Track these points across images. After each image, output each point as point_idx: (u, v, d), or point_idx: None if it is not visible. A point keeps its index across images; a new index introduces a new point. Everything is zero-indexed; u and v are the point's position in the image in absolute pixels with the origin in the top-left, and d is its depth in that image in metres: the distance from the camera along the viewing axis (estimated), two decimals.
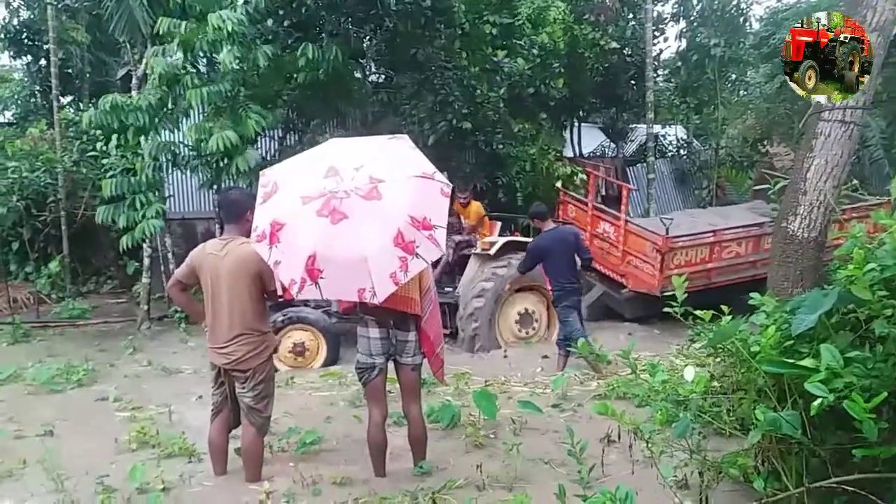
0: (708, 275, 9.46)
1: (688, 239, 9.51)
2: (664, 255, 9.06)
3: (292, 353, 7.79)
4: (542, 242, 7.13)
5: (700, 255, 9.54)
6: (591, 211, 10.54)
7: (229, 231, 4.16)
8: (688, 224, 10.32)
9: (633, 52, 15.47)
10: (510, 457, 4.15)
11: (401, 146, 3.91)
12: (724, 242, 9.64)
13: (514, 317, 8.70)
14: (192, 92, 8.95)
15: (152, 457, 4.54)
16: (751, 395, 3.58)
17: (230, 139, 8.82)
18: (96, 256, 13.44)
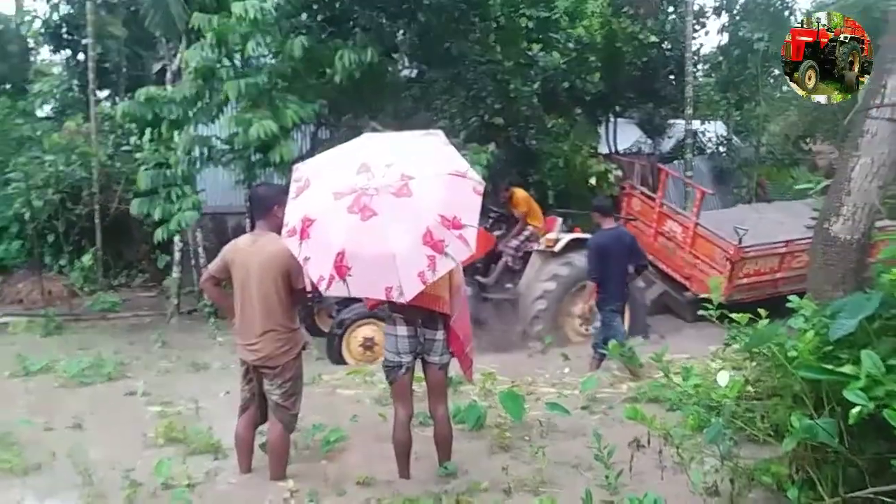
0: (776, 284, 9.23)
1: (760, 249, 9.27)
2: (735, 264, 8.86)
3: (362, 348, 7.90)
4: (602, 240, 6.93)
5: (770, 264, 9.32)
6: (659, 208, 10.31)
7: (259, 226, 4.15)
8: (752, 221, 10.01)
9: (672, 46, 15.22)
10: (536, 459, 4.07)
11: (435, 142, 3.86)
12: (797, 252, 9.37)
13: (578, 313, 8.55)
14: (229, 84, 8.99)
15: (179, 452, 4.56)
16: (786, 401, 3.46)
17: (271, 128, 8.83)
18: (128, 250, 13.65)
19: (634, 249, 7.02)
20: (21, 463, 4.35)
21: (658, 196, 10.53)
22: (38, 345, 8.72)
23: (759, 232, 9.65)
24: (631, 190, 11.29)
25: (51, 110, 16.54)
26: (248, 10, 8.60)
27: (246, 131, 8.96)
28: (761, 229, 9.76)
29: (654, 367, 6.18)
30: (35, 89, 16.10)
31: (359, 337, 7.96)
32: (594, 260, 6.87)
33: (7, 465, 4.31)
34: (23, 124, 12.91)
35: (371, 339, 7.95)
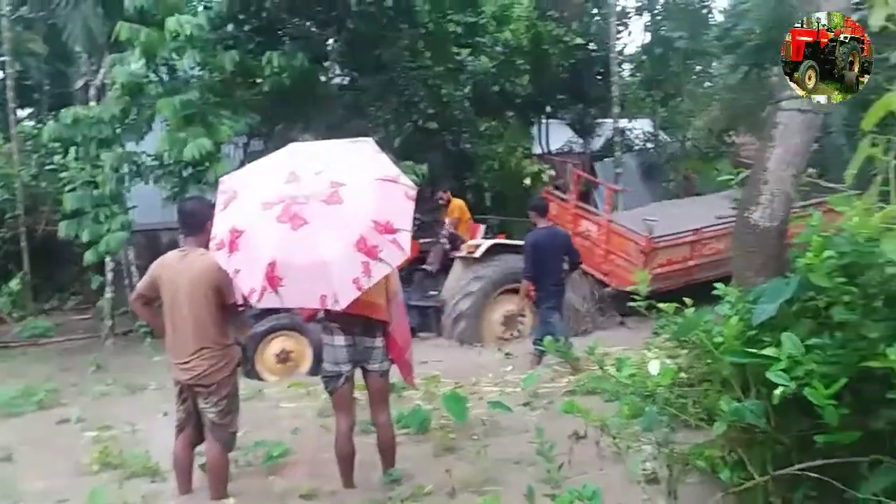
0: (690, 272, 9.53)
1: (670, 239, 9.57)
2: (648, 255, 9.11)
3: (276, 360, 7.72)
4: (537, 238, 7.08)
5: (682, 253, 9.62)
6: (573, 209, 10.53)
7: (189, 242, 4.06)
8: (668, 217, 10.35)
9: (598, 47, 15.59)
10: (480, 459, 4.10)
11: (364, 149, 3.86)
12: (705, 240, 9.71)
13: (499, 319, 8.68)
14: (163, 102, 8.82)
15: (115, 478, 4.41)
16: (716, 386, 3.57)
17: (205, 147, 8.68)
18: (59, 272, 13.18)
19: (569, 247, 7.17)
20: None
21: (572, 197, 10.78)
22: None
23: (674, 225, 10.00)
24: (546, 194, 11.54)
25: None
26: (184, 27, 8.45)
27: (180, 151, 8.80)
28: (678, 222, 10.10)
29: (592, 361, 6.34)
30: None
31: (273, 350, 7.77)
32: (530, 258, 7.00)
33: None
34: None
35: (286, 350, 7.77)
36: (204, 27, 8.89)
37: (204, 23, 8.88)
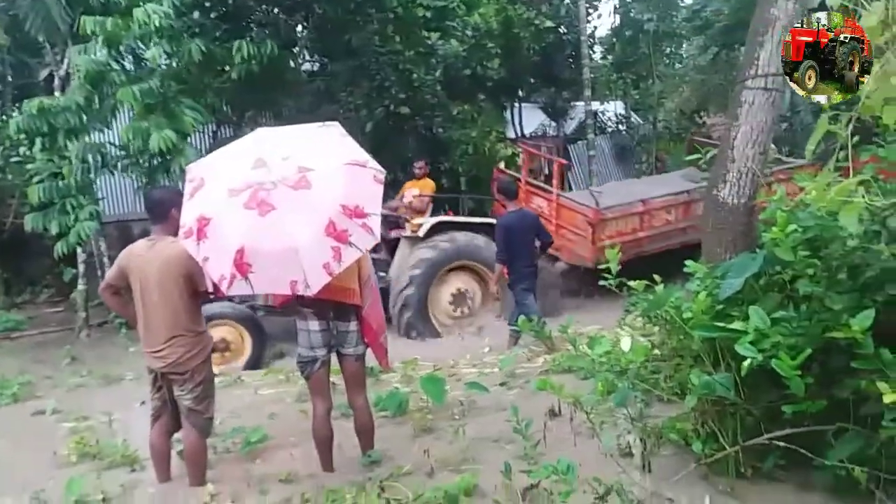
0: (640, 244, 9.65)
1: (618, 210, 9.67)
2: (595, 226, 9.20)
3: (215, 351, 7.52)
4: (508, 221, 7.14)
5: (631, 224, 9.73)
6: (525, 186, 10.60)
7: (156, 231, 4.02)
8: (622, 194, 10.49)
9: (568, 30, 15.60)
10: (458, 438, 4.15)
11: (331, 134, 3.83)
12: (654, 211, 9.83)
13: (448, 297, 8.65)
14: (123, 91, 8.69)
15: (93, 468, 4.40)
16: (687, 361, 3.65)
17: (171, 138, 8.58)
18: (30, 265, 12.98)
19: (539, 227, 7.25)
20: None
21: (522, 175, 10.87)
22: None
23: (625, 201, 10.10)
24: (499, 174, 11.63)
25: None
26: (152, 17, 8.32)
27: (146, 141, 8.68)
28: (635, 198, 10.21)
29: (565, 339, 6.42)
30: None
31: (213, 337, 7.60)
32: (501, 241, 7.05)
33: None
34: None
35: (224, 340, 7.37)
36: (170, 15, 8.75)
37: (170, 11, 8.74)
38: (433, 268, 8.44)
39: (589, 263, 9.16)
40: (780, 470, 3.18)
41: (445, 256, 8.46)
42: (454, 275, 8.71)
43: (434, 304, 8.58)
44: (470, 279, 8.81)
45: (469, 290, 8.78)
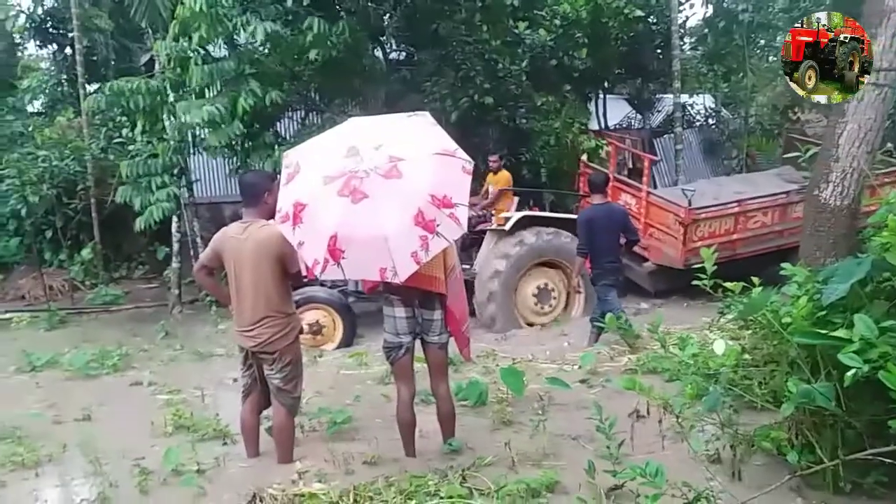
0: (733, 246, 9.31)
1: (712, 210, 9.35)
2: (687, 227, 8.93)
3: (309, 333, 7.82)
4: (592, 214, 6.99)
5: (725, 225, 9.38)
6: (612, 182, 10.37)
7: (249, 214, 4.15)
8: (713, 192, 10.14)
9: (658, 19, 15.15)
10: (538, 433, 4.14)
11: (421, 123, 3.88)
12: (750, 212, 9.46)
13: (532, 293, 8.60)
14: (195, 70, 8.97)
15: (187, 439, 4.60)
16: (783, 368, 3.53)
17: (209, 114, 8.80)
18: (127, 242, 13.63)
19: (627, 223, 7.07)
20: (33, 456, 4.40)
21: (609, 170, 10.58)
22: (43, 339, 8.75)
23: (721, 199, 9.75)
24: (585, 168, 11.37)
25: (41, 105, 16.43)
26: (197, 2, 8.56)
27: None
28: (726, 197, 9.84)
29: (652, 340, 6.29)
30: (24, 85, 15.97)
31: (306, 321, 7.79)
32: (583, 234, 6.93)
33: (19, 459, 4.36)
34: (14, 121, 12.89)
35: (317, 322, 7.84)
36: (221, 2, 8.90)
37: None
38: (519, 262, 8.45)
39: (679, 265, 8.91)
40: (882, 487, 3.04)
41: (532, 251, 8.45)
42: (539, 270, 8.66)
43: (518, 299, 8.58)
44: (555, 275, 8.75)
45: (553, 287, 8.71)
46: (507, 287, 8.40)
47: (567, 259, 8.46)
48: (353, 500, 3.45)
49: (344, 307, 7.98)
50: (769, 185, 10.38)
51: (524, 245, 8.43)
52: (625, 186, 10.41)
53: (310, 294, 7.80)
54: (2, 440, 4.76)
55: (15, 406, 5.61)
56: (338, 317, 7.94)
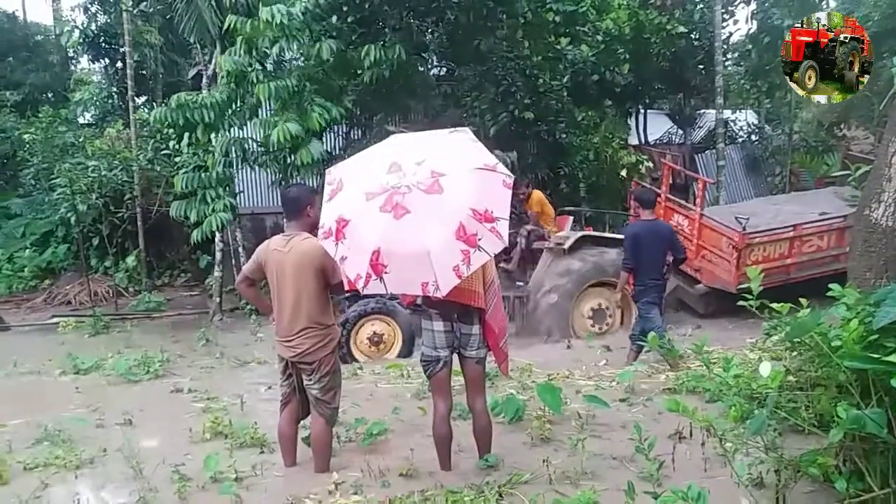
0: (787, 270, 9.13)
1: (766, 235, 9.16)
2: (741, 251, 8.78)
3: (369, 343, 7.99)
4: (638, 230, 6.92)
5: (779, 250, 9.19)
6: (665, 203, 10.23)
7: (291, 227, 4.22)
8: (770, 213, 9.93)
9: (700, 35, 15.05)
10: (576, 452, 4.08)
11: (462, 139, 3.89)
12: (805, 237, 9.25)
13: (588, 312, 8.60)
14: (260, 87, 9.16)
15: (225, 447, 4.66)
16: (830, 392, 3.43)
17: (290, 131, 8.97)
18: (170, 251, 13.97)
19: (673, 241, 6.96)
20: (75, 459, 4.49)
21: (663, 190, 10.42)
22: (87, 344, 8.99)
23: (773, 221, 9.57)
24: (635, 186, 11.24)
25: (91, 117, 16.97)
26: (275, 15, 8.74)
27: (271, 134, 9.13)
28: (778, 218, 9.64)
29: (690, 359, 6.18)
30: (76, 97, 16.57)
31: (366, 333, 8.05)
32: (629, 249, 6.84)
33: (61, 461, 4.46)
34: (66, 131, 13.32)
35: (378, 333, 8.04)
36: (298, 16, 9.12)
37: (298, 12, 9.12)
38: (580, 280, 8.49)
39: (731, 288, 8.77)
40: None
41: (590, 271, 8.46)
42: (595, 290, 8.66)
43: (575, 318, 8.60)
44: (611, 296, 8.70)
45: (609, 307, 8.68)
46: (564, 306, 8.44)
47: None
48: None
49: (402, 317, 8.08)
50: (827, 204, 10.12)
51: (584, 263, 8.46)
52: (678, 207, 10.26)
53: (369, 307, 8.00)
54: (45, 442, 4.87)
55: (59, 409, 5.74)
56: (398, 329, 8.08)
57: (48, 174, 12.68)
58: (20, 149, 14.58)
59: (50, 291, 13.11)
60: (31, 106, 16.47)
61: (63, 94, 17.72)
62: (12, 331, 10.45)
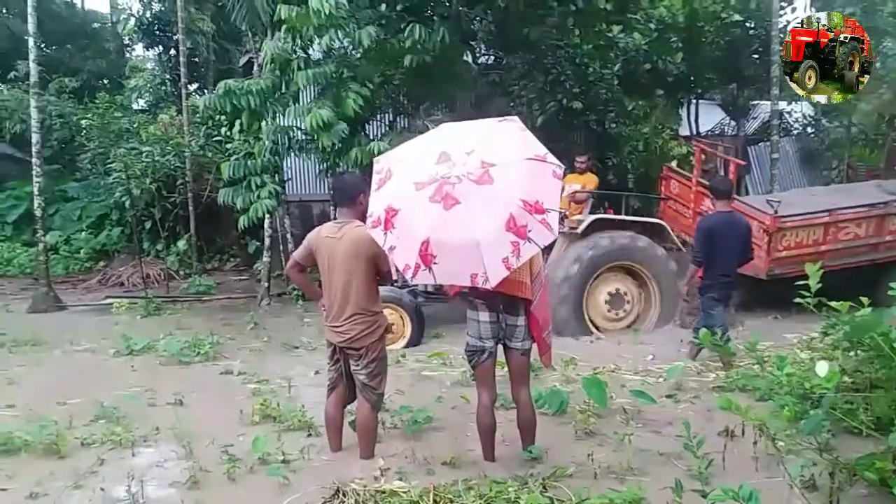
0: (821, 257, 8.81)
1: (799, 219, 8.86)
2: (772, 235, 8.51)
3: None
4: (711, 223, 6.65)
5: (813, 236, 8.86)
6: (695, 187, 9.99)
7: (343, 214, 4.27)
8: (807, 203, 9.61)
9: (756, 24, 14.61)
10: (622, 447, 4.05)
11: (511, 129, 3.86)
12: (841, 223, 8.93)
13: (604, 297, 8.38)
14: (299, 74, 9.21)
15: (273, 429, 4.76)
16: (890, 394, 3.34)
17: (322, 117, 8.99)
18: (220, 236, 14.25)
19: (748, 238, 6.65)
20: (129, 436, 4.64)
21: (694, 174, 10.13)
22: (139, 325, 9.23)
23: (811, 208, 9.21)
24: (668, 172, 10.94)
25: (145, 103, 17.37)
26: (324, 5, 8.76)
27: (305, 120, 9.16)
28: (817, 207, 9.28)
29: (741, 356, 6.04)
30: (131, 84, 16.96)
31: None
32: (700, 243, 6.61)
33: (117, 438, 4.60)
34: (121, 117, 13.62)
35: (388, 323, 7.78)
36: (344, 5, 9.10)
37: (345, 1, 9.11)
38: (592, 266, 8.23)
39: (761, 274, 8.53)
40: None
41: (605, 255, 8.25)
42: (612, 275, 8.44)
43: (590, 304, 8.39)
44: (628, 281, 8.52)
45: (627, 292, 8.47)
46: (579, 291, 8.21)
47: (643, 264, 8.33)
48: (432, 500, 3.47)
49: (413, 307, 8.05)
50: (868, 196, 9.75)
51: (598, 248, 8.23)
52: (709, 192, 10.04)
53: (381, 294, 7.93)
54: (102, 420, 5.04)
55: (113, 388, 5.91)
56: (406, 316, 8.00)
57: (104, 159, 13.00)
58: (77, 134, 14.99)
59: (104, 273, 13.51)
60: (88, 92, 16.89)
61: (118, 81, 18.16)
62: (68, 310, 10.79)
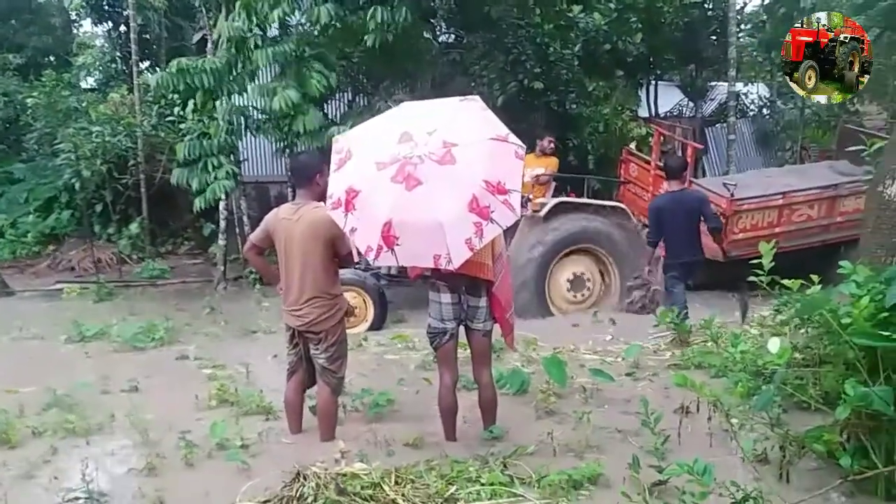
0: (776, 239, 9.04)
1: (755, 201, 9.07)
2: (728, 218, 8.71)
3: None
4: (660, 203, 6.73)
5: (768, 218, 9.11)
6: (654, 171, 10.12)
7: (301, 195, 4.21)
8: (762, 184, 9.84)
9: (714, 5, 14.79)
10: (581, 425, 4.10)
11: (473, 108, 3.84)
12: (795, 205, 9.18)
13: (565, 281, 8.48)
14: (258, 52, 9.03)
15: (231, 414, 4.70)
16: (838, 369, 3.43)
17: (291, 98, 8.86)
18: (174, 218, 13.94)
19: (705, 211, 6.67)
20: (83, 424, 4.53)
21: (652, 158, 10.29)
22: (91, 310, 9.01)
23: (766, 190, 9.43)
24: (628, 155, 11.09)
25: (94, 82, 16.83)
26: None
27: (271, 101, 9.01)
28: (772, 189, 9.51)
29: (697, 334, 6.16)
30: (79, 61, 16.38)
31: None
32: (652, 223, 6.69)
33: (70, 427, 4.49)
34: (69, 96, 13.20)
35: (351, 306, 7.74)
36: None
37: None
38: (553, 250, 8.30)
39: (719, 256, 8.72)
40: None
41: (566, 239, 8.32)
42: (574, 258, 8.52)
43: (552, 287, 8.46)
44: (590, 263, 8.60)
45: (588, 275, 8.57)
46: (541, 274, 8.28)
47: (604, 246, 8.42)
48: (394, 481, 3.46)
49: (375, 290, 8.00)
50: (821, 177, 10.02)
51: (560, 231, 8.29)
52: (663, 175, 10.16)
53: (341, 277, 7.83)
54: (55, 408, 4.91)
55: (66, 375, 5.75)
56: (369, 299, 7.95)
57: (51, 139, 12.61)
58: (23, 113, 14.49)
59: (53, 257, 13.12)
60: (33, 70, 16.30)
61: (65, 59, 17.54)
62: (16, 296, 10.49)
